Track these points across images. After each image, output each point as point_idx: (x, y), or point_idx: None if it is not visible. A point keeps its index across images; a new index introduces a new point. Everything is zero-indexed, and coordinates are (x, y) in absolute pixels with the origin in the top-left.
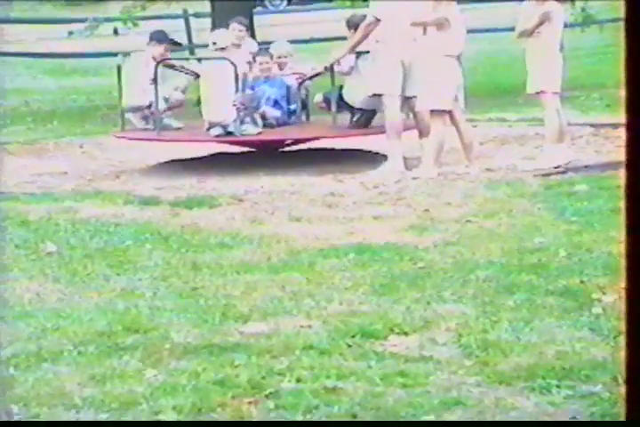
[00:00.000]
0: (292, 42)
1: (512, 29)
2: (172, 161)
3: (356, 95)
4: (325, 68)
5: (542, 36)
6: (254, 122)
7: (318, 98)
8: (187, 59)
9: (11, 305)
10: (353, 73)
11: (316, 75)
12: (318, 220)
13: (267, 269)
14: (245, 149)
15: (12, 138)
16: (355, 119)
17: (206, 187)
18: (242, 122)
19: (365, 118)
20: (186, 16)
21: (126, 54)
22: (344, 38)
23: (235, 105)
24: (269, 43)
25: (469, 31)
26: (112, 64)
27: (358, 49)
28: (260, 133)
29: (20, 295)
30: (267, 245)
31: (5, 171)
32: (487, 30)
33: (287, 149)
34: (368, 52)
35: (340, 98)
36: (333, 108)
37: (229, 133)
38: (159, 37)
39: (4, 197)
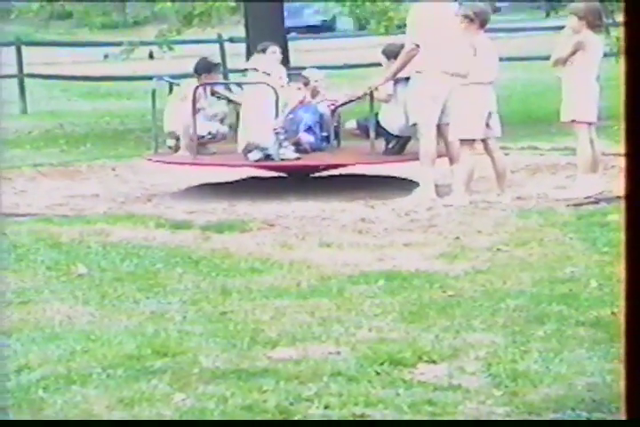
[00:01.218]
0: (325, 68)
1: (547, 58)
2: (204, 185)
3: (393, 122)
4: (365, 95)
5: (577, 66)
6: (292, 147)
7: (352, 124)
8: (227, 83)
9: (41, 327)
10: (392, 100)
11: (352, 101)
12: (349, 246)
13: (296, 294)
14: (277, 173)
15: (46, 160)
16: (390, 146)
17: (237, 211)
18: (280, 146)
19: (400, 145)
20: (220, 41)
21: (160, 78)
22: (377, 65)
23: (275, 129)
24: (302, 68)
25: (505, 59)
26: (146, 88)
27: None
28: (297, 159)
29: (50, 317)
30: (296, 271)
31: (38, 193)
32: (522, 58)
33: (318, 174)
34: (408, 78)
35: (377, 124)
36: (372, 134)
37: (268, 157)
38: (206, 67)
39: (37, 219)
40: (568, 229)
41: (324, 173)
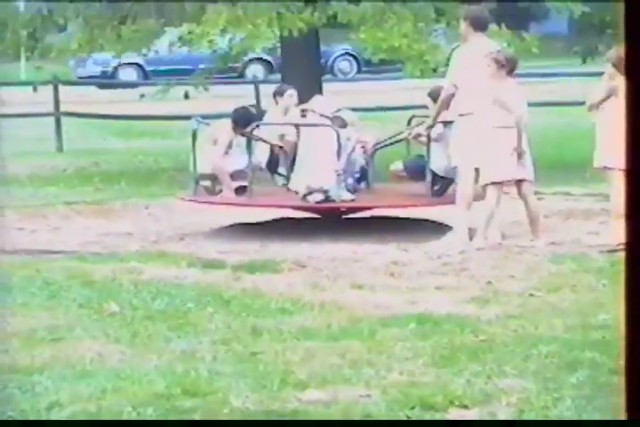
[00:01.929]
0: (358, 110)
1: (582, 104)
2: (236, 225)
3: (441, 163)
4: (407, 137)
5: (610, 111)
6: (349, 188)
7: (397, 166)
8: (288, 124)
9: (72, 364)
10: (442, 141)
11: (392, 143)
12: (380, 288)
13: (327, 336)
14: (309, 214)
15: (80, 198)
16: (437, 188)
17: (269, 251)
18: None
19: (445, 187)
20: (255, 82)
21: (200, 122)
22: (412, 107)
23: (337, 171)
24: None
25: (539, 104)
26: (181, 127)
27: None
28: (352, 200)
29: (81, 355)
30: (327, 312)
31: (72, 230)
32: (557, 104)
33: (350, 215)
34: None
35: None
36: (429, 177)
37: (328, 199)
38: (247, 119)
39: (70, 257)
40: (601, 276)
41: (357, 215)
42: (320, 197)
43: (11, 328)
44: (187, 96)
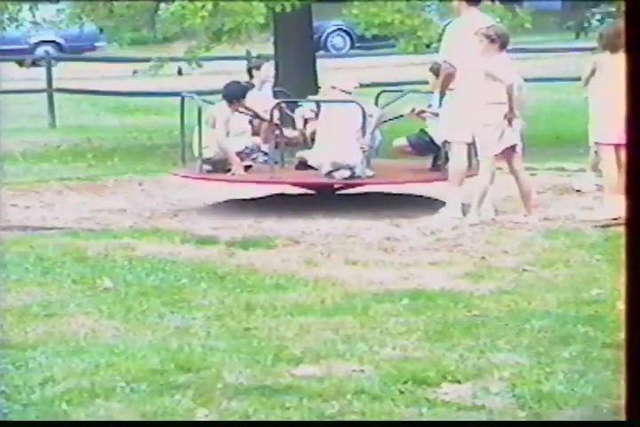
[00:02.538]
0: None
1: (576, 79)
2: (230, 201)
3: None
4: (412, 113)
5: (599, 87)
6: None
7: (401, 142)
8: (312, 101)
9: (66, 340)
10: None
11: (396, 118)
12: (374, 264)
13: (320, 311)
14: (303, 190)
15: (73, 174)
16: (439, 162)
17: (263, 228)
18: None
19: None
20: (249, 58)
21: (189, 95)
22: (405, 83)
23: (362, 148)
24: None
25: (533, 80)
26: (174, 104)
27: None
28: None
29: (75, 331)
30: (321, 288)
31: (65, 206)
32: (551, 79)
33: (344, 191)
34: None
35: (431, 140)
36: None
37: (353, 176)
38: (239, 93)
39: (64, 233)
40: (595, 251)
41: (351, 191)
42: (347, 173)
43: (4, 304)
44: (180, 72)
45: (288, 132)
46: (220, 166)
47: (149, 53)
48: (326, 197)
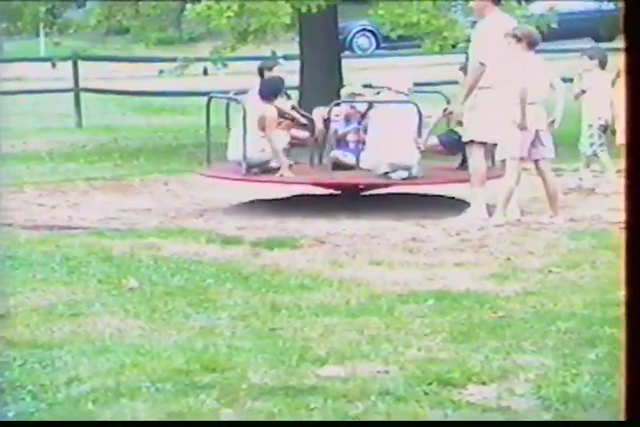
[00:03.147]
0: (380, 87)
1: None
2: (256, 201)
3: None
4: (443, 116)
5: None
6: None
7: (432, 141)
8: (368, 102)
9: (92, 339)
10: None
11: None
12: (399, 264)
13: (345, 312)
14: (329, 191)
15: (99, 174)
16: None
17: (288, 228)
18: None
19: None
20: (275, 58)
21: (216, 95)
22: (432, 84)
23: (419, 148)
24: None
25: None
26: (200, 103)
27: None
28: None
29: (100, 330)
30: (346, 289)
31: (91, 206)
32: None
33: (369, 192)
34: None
35: (460, 139)
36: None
37: (410, 177)
38: (279, 88)
39: (89, 232)
40: (621, 252)
41: (375, 192)
42: (405, 174)
43: (30, 303)
44: (206, 72)
45: (300, 133)
46: (261, 167)
47: (175, 53)
48: (351, 198)
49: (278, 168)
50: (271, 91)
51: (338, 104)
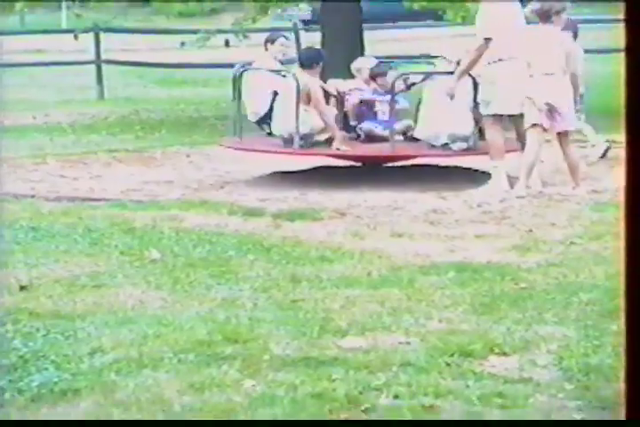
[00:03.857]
0: (400, 57)
1: (625, 50)
2: (277, 173)
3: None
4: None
5: None
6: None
7: None
8: (425, 73)
9: (114, 311)
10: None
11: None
12: (420, 236)
13: (366, 284)
14: (350, 163)
15: (121, 146)
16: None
17: (309, 200)
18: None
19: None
20: (296, 29)
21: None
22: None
23: (475, 119)
24: (378, 58)
25: (585, 52)
26: (221, 75)
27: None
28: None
29: (123, 301)
30: (367, 261)
31: (113, 178)
32: (600, 51)
33: (391, 164)
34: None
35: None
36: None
37: (469, 148)
38: (317, 57)
39: (112, 204)
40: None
41: (397, 163)
42: (464, 145)
43: (53, 275)
44: (227, 44)
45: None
46: (307, 141)
47: (197, 25)
48: (372, 170)
49: (325, 141)
50: (312, 59)
51: (406, 76)
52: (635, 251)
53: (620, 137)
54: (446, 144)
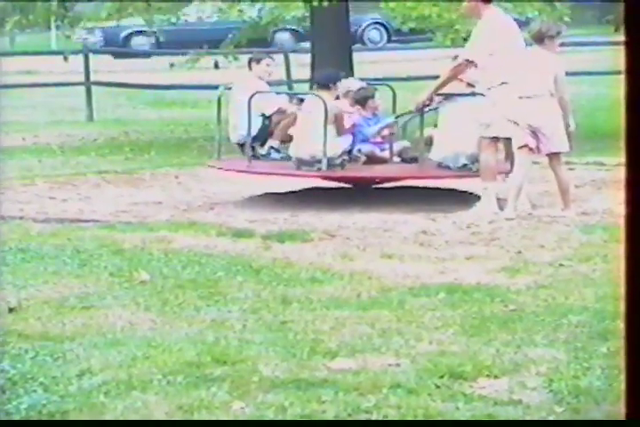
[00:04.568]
0: (389, 79)
1: (613, 73)
2: (266, 194)
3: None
4: (418, 110)
5: None
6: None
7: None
8: (448, 95)
9: (103, 332)
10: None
11: (403, 114)
12: (410, 258)
13: (356, 305)
14: (340, 184)
15: (110, 167)
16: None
17: (299, 221)
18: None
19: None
20: (285, 52)
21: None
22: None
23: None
24: (366, 80)
25: (571, 74)
26: (210, 97)
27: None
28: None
29: (112, 323)
30: (357, 282)
31: (102, 199)
32: (589, 73)
33: (381, 185)
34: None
35: None
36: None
37: (466, 166)
38: (335, 77)
39: (101, 226)
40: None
41: (387, 185)
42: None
43: (42, 296)
44: (217, 66)
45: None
46: (332, 163)
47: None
48: (362, 191)
49: (340, 164)
50: (330, 79)
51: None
52: (636, 270)
53: (607, 159)
54: (465, 165)
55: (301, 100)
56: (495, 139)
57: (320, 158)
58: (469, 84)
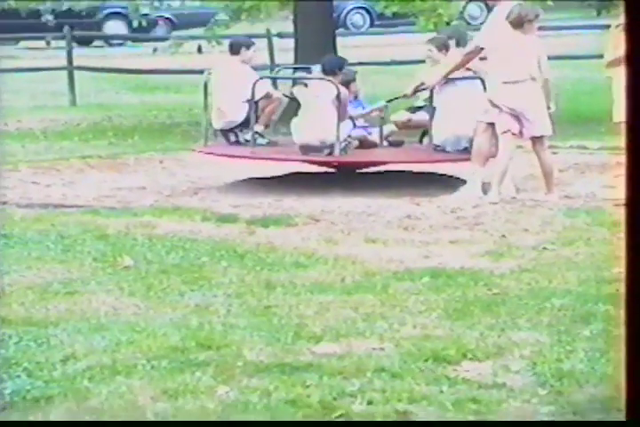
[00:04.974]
0: (372, 64)
1: (597, 57)
2: (251, 179)
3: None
4: (414, 93)
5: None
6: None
7: (402, 116)
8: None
9: (87, 317)
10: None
11: (397, 98)
12: (394, 242)
13: (340, 289)
14: (323, 169)
15: (94, 152)
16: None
17: (283, 206)
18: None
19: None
20: (269, 36)
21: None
22: (425, 61)
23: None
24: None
25: (553, 58)
26: (194, 81)
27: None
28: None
29: (96, 308)
30: (341, 266)
31: (86, 184)
32: (572, 57)
33: (365, 170)
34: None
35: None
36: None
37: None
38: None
39: (84, 211)
40: (616, 229)
41: (371, 169)
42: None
43: (25, 282)
44: (200, 50)
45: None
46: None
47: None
48: (346, 176)
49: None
50: (336, 65)
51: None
52: (636, 254)
53: (590, 143)
54: (466, 148)
55: (305, 86)
56: (491, 124)
57: (331, 143)
58: (468, 69)
